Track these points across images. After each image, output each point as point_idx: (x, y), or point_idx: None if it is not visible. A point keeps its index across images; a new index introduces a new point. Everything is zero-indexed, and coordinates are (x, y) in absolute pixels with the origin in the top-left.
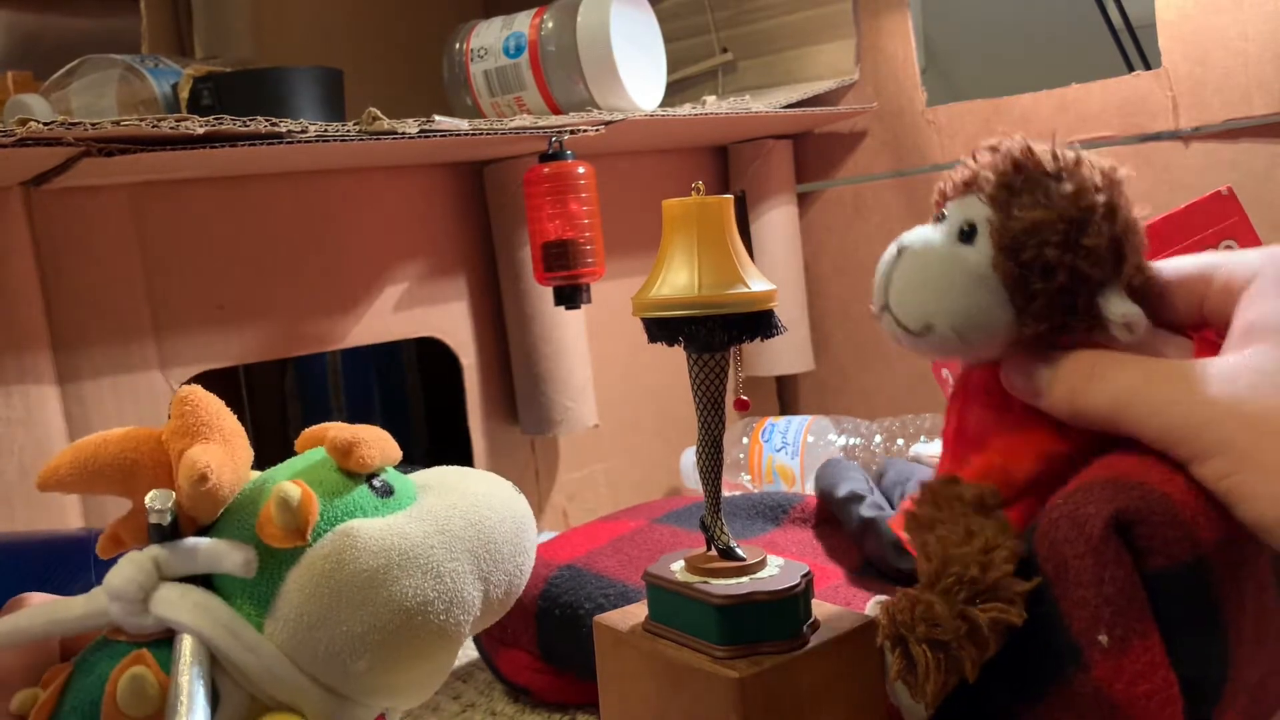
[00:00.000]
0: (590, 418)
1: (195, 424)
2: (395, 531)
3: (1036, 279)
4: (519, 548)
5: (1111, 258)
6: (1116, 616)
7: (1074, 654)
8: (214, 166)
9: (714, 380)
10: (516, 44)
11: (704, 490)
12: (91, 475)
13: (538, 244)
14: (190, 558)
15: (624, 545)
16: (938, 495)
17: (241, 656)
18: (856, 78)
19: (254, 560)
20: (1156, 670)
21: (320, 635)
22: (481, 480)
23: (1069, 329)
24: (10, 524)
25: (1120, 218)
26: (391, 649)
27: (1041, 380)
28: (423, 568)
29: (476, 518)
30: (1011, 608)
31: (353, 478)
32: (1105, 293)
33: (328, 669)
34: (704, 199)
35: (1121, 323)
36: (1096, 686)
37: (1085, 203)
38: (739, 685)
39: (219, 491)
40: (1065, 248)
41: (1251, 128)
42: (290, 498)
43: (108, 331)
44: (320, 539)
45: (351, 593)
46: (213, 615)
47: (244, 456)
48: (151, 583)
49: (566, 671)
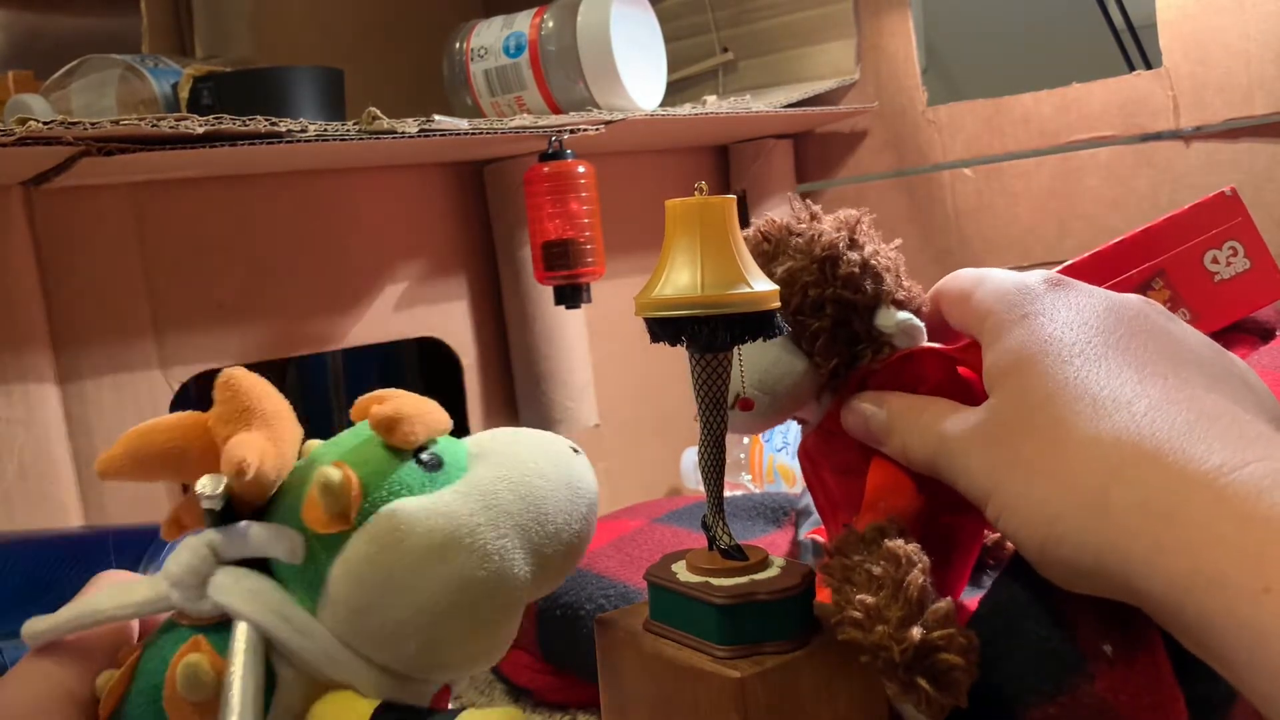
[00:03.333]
0: (590, 417)
1: (237, 410)
2: (441, 511)
3: (810, 319)
4: (574, 513)
5: (868, 281)
6: (1122, 627)
7: (1078, 664)
8: (214, 166)
9: (716, 380)
10: (516, 43)
11: (706, 490)
12: (141, 463)
13: (538, 243)
14: (243, 542)
15: (625, 545)
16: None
17: (295, 641)
18: (857, 77)
19: (300, 547)
20: (1162, 682)
21: (370, 620)
22: (534, 445)
23: (860, 356)
24: (10, 524)
25: (865, 247)
26: (442, 631)
27: (874, 427)
28: (469, 548)
29: (526, 489)
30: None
31: (399, 453)
32: (876, 312)
33: (380, 651)
34: (706, 199)
35: (900, 331)
36: (1101, 697)
37: (826, 241)
38: (740, 685)
39: (263, 479)
40: (824, 284)
41: (1252, 127)
42: (332, 483)
43: (108, 331)
44: (366, 522)
45: (398, 577)
46: (265, 601)
47: (289, 436)
48: (208, 568)
49: (567, 671)
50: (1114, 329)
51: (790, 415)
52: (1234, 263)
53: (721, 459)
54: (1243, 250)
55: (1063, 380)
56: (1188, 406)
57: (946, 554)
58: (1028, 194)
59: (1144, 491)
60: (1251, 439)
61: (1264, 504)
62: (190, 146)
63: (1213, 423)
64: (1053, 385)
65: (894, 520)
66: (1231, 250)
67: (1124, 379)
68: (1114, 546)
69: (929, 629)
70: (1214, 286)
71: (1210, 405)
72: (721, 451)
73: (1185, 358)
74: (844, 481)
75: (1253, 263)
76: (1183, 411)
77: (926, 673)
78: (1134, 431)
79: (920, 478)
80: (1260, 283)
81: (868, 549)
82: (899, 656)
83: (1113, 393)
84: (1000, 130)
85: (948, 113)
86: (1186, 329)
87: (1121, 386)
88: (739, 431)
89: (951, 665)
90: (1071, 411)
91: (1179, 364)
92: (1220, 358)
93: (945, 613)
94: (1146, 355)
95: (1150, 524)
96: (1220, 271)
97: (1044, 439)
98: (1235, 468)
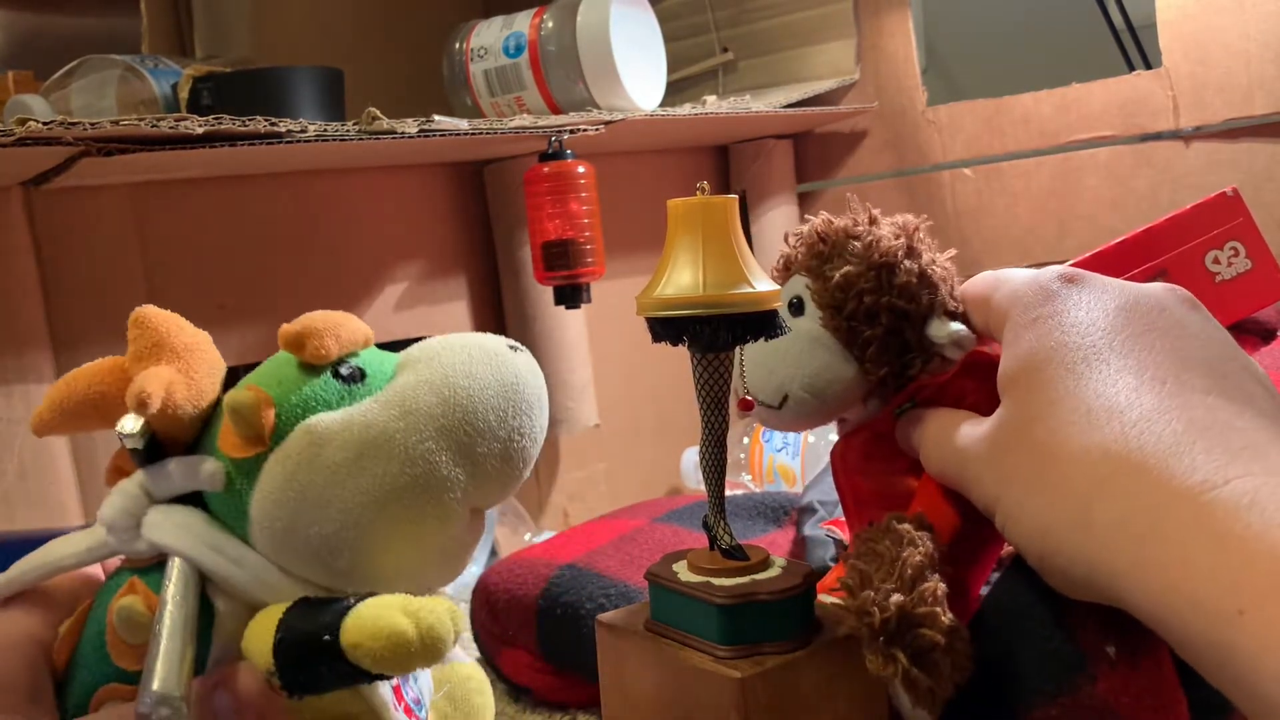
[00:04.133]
0: (591, 417)
1: (147, 345)
2: (356, 422)
3: (863, 326)
4: (512, 410)
5: (924, 291)
6: (1124, 629)
7: (1081, 664)
8: (213, 166)
9: (717, 380)
10: (516, 44)
11: (707, 490)
12: (69, 414)
13: (538, 243)
14: (168, 479)
15: (625, 545)
16: (864, 532)
17: (228, 570)
18: (857, 77)
19: (219, 473)
20: (1164, 685)
21: (295, 539)
22: (462, 346)
23: (910, 365)
24: (10, 524)
25: (922, 256)
26: (369, 541)
27: (915, 442)
28: (387, 454)
29: (448, 391)
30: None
31: (315, 369)
32: (929, 323)
33: (312, 568)
34: (708, 198)
35: (951, 342)
36: (1103, 699)
37: (885, 249)
38: (740, 685)
39: (176, 410)
40: (880, 292)
41: (1252, 127)
42: (240, 405)
43: (108, 331)
44: (282, 441)
45: (316, 492)
46: (195, 534)
47: (205, 368)
48: (140, 508)
49: (567, 671)
50: (1122, 329)
51: (835, 418)
52: (1235, 263)
53: (723, 459)
54: (1244, 251)
55: (1063, 390)
56: (1178, 415)
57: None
58: (1028, 194)
59: (1125, 507)
60: (1237, 451)
61: (1240, 524)
62: (190, 146)
63: (1201, 434)
64: (1054, 394)
65: (922, 520)
66: (1233, 250)
67: (1121, 385)
68: (1100, 561)
69: (914, 604)
70: (1215, 287)
71: (1202, 414)
72: (723, 451)
73: (1192, 357)
74: (880, 482)
75: (1254, 263)
76: (1173, 422)
77: (906, 647)
78: (1122, 444)
79: (959, 497)
80: (1262, 283)
81: (885, 533)
82: (878, 624)
83: (1107, 401)
84: (1000, 130)
85: (948, 113)
86: (1205, 321)
87: (1117, 394)
88: (781, 429)
89: (931, 643)
90: (1067, 423)
91: (1183, 365)
92: (1232, 354)
93: (933, 591)
94: (1150, 357)
95: (1129, 542)
96: (1221, 272)
97: (1040, 451)
98: (1216, 485)
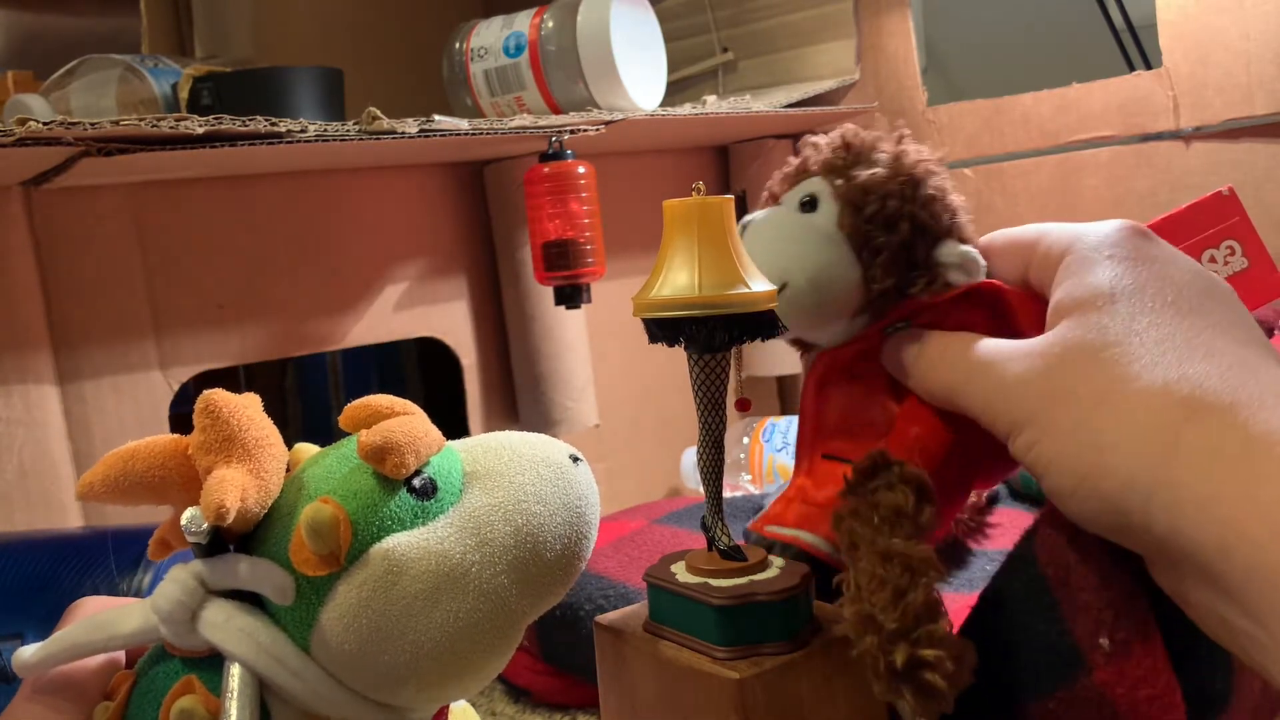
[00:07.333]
0: (590, 417)
1: (218, 439)
2: (433, 551)
3: (880, 233)
4: (576, 536)
5: (945, 213)
6: (1118, 621)
7: (1077, 657)
8: (214, 166)
9: (715, 380)
10: (516, 43)
11: (705, 491)
12: (121, 491)
13: (538, 244)
14: (232, 574)
15: (624, 546)
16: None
17: (287, 681)
18: (857, 77)
19: (290, 588)
20: (1159, 675)
21: (363, 663)
22: (531, 465)
23: (912, 283)
24: (10, 524)
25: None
26: (437, 672)
27: (907, 361)
28: (463, 590)
29: (521, 520)
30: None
31: (390, 482)
32: (941, 243)
33: (376, 692)
34: (705, 199)
35: (958, 264)
36: (1099, 690)
37: (916, 161)
38: (739, 686)
39: (246, 515)
40: (905, 200)
41: (1252, 127)
42: (320, 523)
43: (108, 331)
44: (355, 562)
45: (390, 623)
46: (257, 641)
47: (273, 466)
48: (196, 600)
49: (567, 672)
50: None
51: (823, 324)
52: (1232, 262)
53: (720, 459)
54: (1240, 249)
55: (1146, 324)
56: (1257, 376)
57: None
58: (1028, 194)
59: (1219, 439)
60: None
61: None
62: (190, 147)
63: None
64: (1138, 325)
65: (921, 484)
66: (1229, 250)
67: (1206, 337)
68: (1171, 484)
69: (919, 646)
70: None
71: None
72: (720, 452)
73: (1255, 331)
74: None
75: (1250, 262)
76: (1258, 378)
77: (912, 686)
78: (1214, 385)
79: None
80: (1258, 282)
81: (879, 475)
82: (884, 669)
83: (1195, 346)
84: (1000, 130)
85: (948, 113)
86: None
87: (1204, 343)
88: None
89: (935, 687)
90: (1151, 354)
91: (1251, 335)
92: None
93: (940, 636)
94: (1225, 320)
95: (1220, 468)
96: (1218, 270)
97: (1113, 374)
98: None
